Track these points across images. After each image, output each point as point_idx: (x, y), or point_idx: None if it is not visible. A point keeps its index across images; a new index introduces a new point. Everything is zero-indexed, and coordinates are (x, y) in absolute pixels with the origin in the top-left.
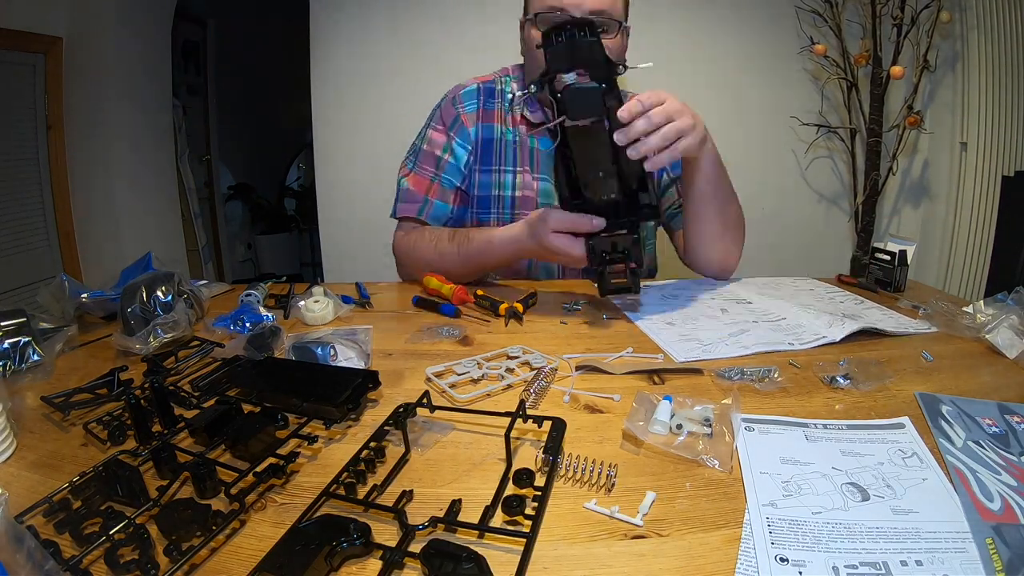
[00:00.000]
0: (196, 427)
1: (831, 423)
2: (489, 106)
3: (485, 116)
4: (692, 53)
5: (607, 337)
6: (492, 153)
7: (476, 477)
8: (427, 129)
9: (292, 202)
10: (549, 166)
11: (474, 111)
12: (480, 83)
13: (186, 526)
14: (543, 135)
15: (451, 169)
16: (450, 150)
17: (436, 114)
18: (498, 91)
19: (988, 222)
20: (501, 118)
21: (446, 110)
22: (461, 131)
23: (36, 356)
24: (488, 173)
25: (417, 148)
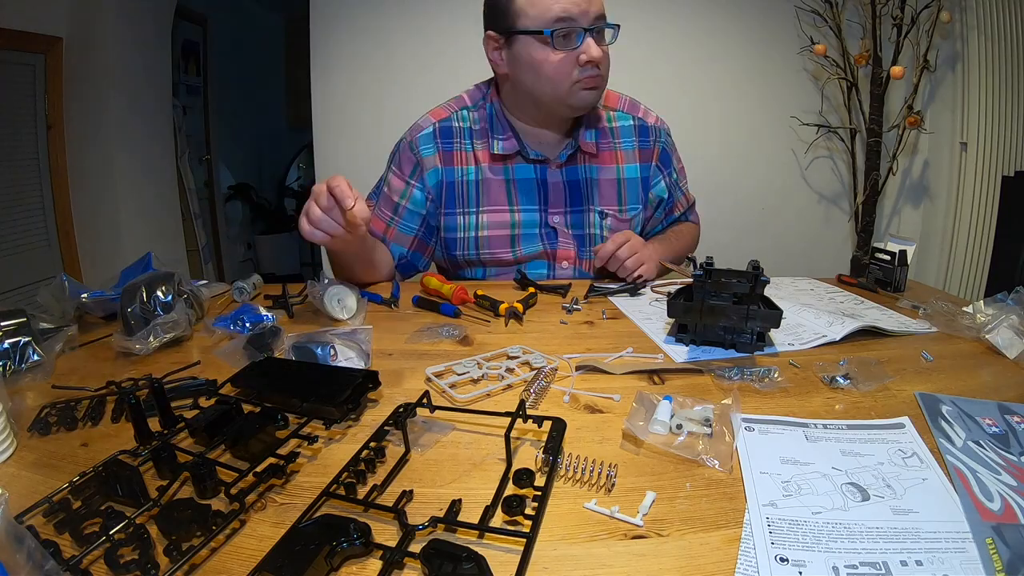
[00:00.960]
0: (196, 427)
1: (831, 423)
2: (447, 147)
3: (444, 159)
4: (692, 53)
5: (607, 337)
6: (455, 196)
7: (476, 477)
8: (388, 172)
9: (292, 202)
10: (530, 192)
11: (432, 155)
12: (436, 123)
13: (186, 526)
14: (518, 163)
15: (409, 215)
16: (408, 197)
17: (395, 158)
18: (456, 128)
19: (988, 222)
20: (461, 158)
21: (404, 155)
22: (421, 178)
23: (36, 356)
24: (453, 216)
25: (380, 188)
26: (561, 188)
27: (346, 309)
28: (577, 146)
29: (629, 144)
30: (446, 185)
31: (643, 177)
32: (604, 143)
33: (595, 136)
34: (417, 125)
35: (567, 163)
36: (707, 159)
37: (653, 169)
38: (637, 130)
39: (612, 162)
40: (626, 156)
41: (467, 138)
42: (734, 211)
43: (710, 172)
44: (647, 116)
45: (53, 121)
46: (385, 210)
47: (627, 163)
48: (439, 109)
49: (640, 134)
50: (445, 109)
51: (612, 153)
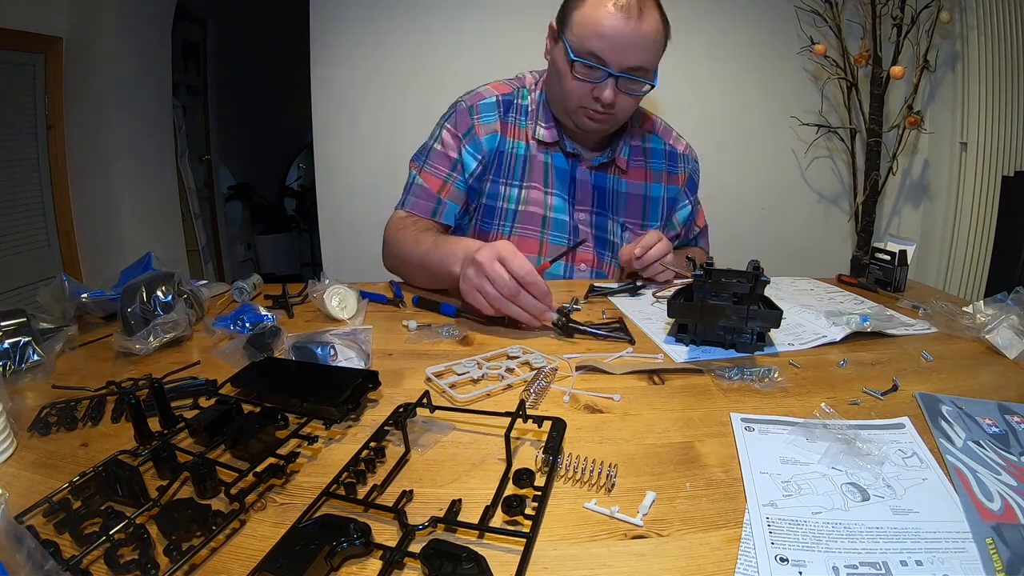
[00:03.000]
0: (196, 427)
1: (831, 423)
2: (506, 120)
3: (502, 128)
4: (692, 53)
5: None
6: (503, 166)
7: (476, 477)
8: (440, 130)
9: (292, 202)
10: (564, 182)
11: (492, 123)
12: (499, 95)
13: (186, 526)
14: (556, 151)
15: (464, 171)
16: (460, 156)
17: (451, 117)
18: (515, 104)
19: (988, 222)
20: (515, 132)
21: (461, 117)
22: (473, 141)
23: (36, 356)
24: (497, 184)
25: (429, 147)
26: (588, 187)
27: (346, 309)
28: (612, 158)
29: (659, 166)
30: (498, 153)
31: (669, 198)
32: (636, 160)
33: (629, 153)
34: (478, 93)
35: (599, 168)
36: (707, 159)
37: (680, 193)
38: (667, 155)
39: (641, 179)
40: (655, 176)
41: (523, 115)
42: (734, 211)
43: (710, 172)
44: (677, 143)
45: (53, 121)
46: (441, 166)
47: (654, 182)
48: (500, 84)
49: (670, 159)
50: (507, 85)
51: (643, 171)
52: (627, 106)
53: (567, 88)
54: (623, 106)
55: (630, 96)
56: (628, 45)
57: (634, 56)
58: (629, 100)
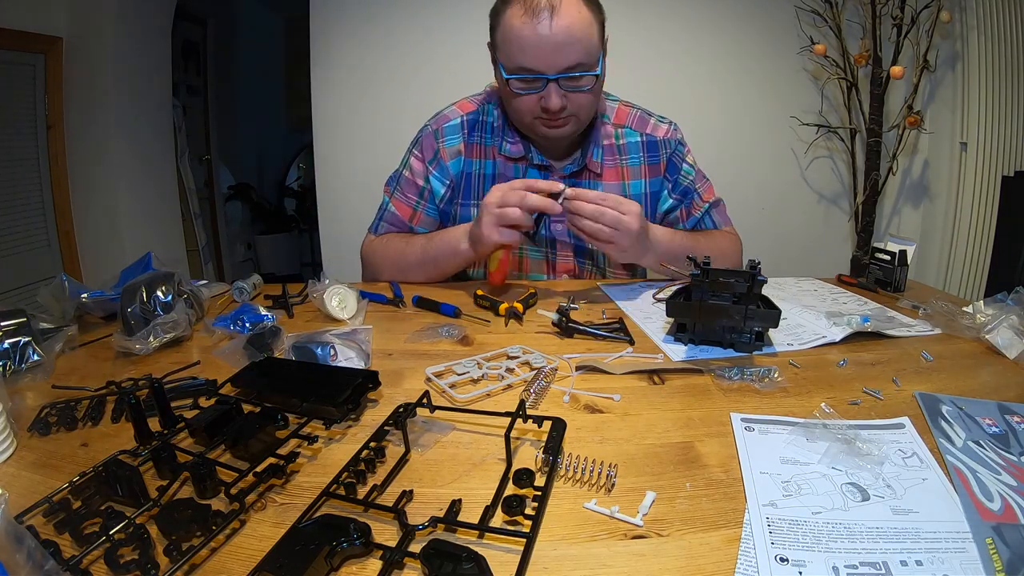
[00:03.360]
0: (196, 427)
1: (831, 423)
2: (471, 139)
3: (467, 151)
4: (692, 53)
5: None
6: (471, 188)
7: (476, 477)
8: (409, 156)
9: (292, 202)
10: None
11: (456, 145)
12: (463, 115)
13: (186, 526)
14: (527, 165)
15: (433, 199)
16: (428, 182)
17: (418, 143)
18: (481, 122)
19: (988, 222)
20: (480, 152)
21: (427, 141)
22: (439, 166)
23: (36, 356)
24: (467, 207)
25: (399, 173)
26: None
27: (346, 309)
28: (584, 164)
29: (636, 160)
30: (465, 176)
31: (651, 192)
32: (610, 161)
33: (601, 155)
34: (443, 115)
35: (571, 176)
36: (707, 159)
37: (663, 182)
38: (645, 146)
39: (617, 179)
40: (632, 172)
41: (488, 132)
42: (734, 211)
43: (709, 172)
44: (656, 130)
45: (53, 121)
46: (410, 194)
47: (633, 179)
48: (466, 102)
49: (648, 150)
50: (472, 102)
51: (618, 170)
52: (583, 103)
53: (514, 106)
54: (578, 105)
55: (580, 93)
56: (552, 47)
57: (564, 56)
58: (582, 97)
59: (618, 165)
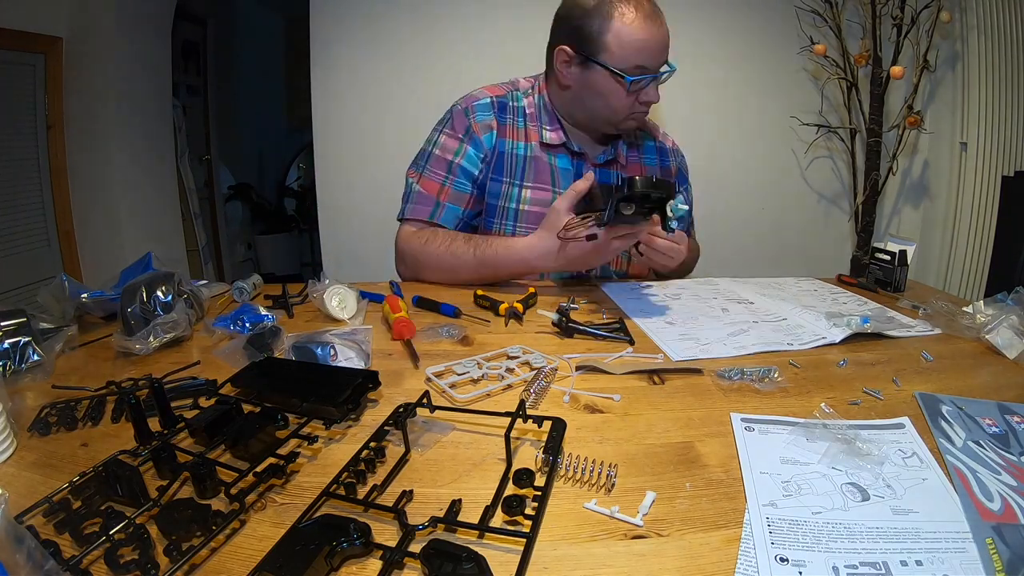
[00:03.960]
0: (196, 427)
1: (831, 423)
2: (501, 120)
3: (499, 130)
4: (692, 53)
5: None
6: (503, 166)
7: (476, 477)
8: (438, 135)
9: (292, 202)
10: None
11: (488, 120)
12: (492, 96)
13: (186, 526)
14: (561, 153)
15: (463, 173)
16: (463, 154)
17: (448, 121)
18: (510, 106)
19: (988, 222)
20: (513, 133)
21: (458, 119)
22: (474, 140)
23: (36, 356)
24: (499, 183)
25: (427, 153)
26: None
27: (346, 309)
28: (615, 155)
29: (652, 160)
30: (497, 153)
31: None
32: (632, 155)
33: (627, 150)
34: (472, 95)
35: (604, 165)
36: (706, 159)
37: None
38: (658, 151)
39: (638, 172)
40: (649, 170)
41: (520, 116)
42: (733, 211)
43: (709, 172)
44: (665, 140)
45: (53, 121)
46: (438, 170)
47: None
48: (493, 87)
49: (661, 154)
50: (501, 88)
51: (639, 165)
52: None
53: (620, 104)
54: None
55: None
56: (663, 47)
57: (667, 54)
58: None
59: (639, 162)
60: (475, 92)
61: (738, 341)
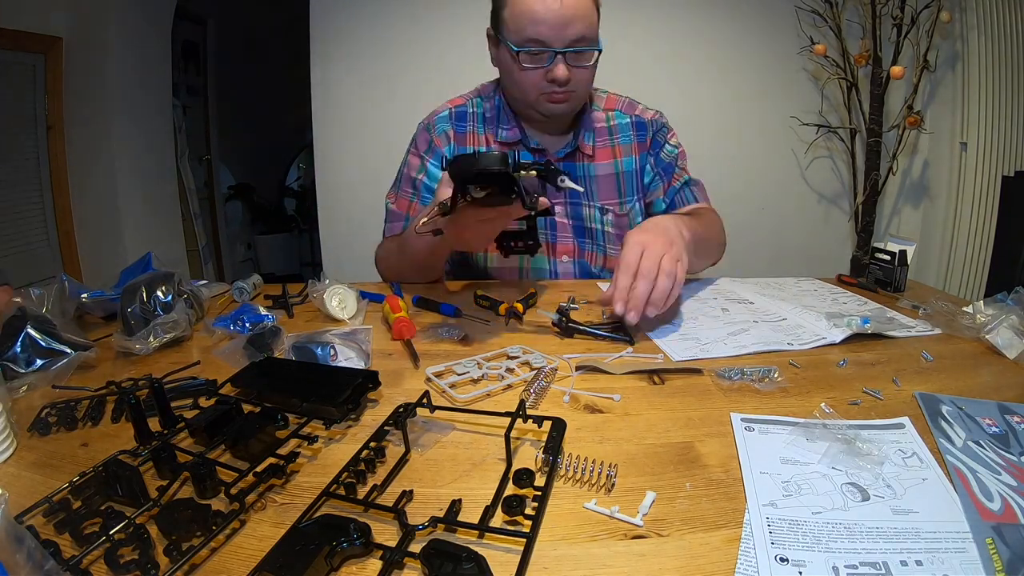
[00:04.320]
0: (196, 427)
1: (831, 423)
2: (460, 129)
3: (457, 139)
4: (692, 53)
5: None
6: None
7: (476, 477)
8: (407, 155)
9: (292, 202)
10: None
11: (446, 131)
12: (452, 107)
13: (186, 526)
14: (522, 151)
15: (426, 189)
16: (425, 171)
17: (413, 141)
18: (469, 113)
19: (988, 222)
20: (473, 140)
21: (420, 136)
22: (435, 153)
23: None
24: None
25: (400, 173)
26: None
27: (346, 309)
28: (576, 146)
29: (627, 139)
30: None
31: (640, 167)
32: (601, 142)
33: (592, 139)
34: (434, 111)
35: (565, 159)
36: (706, 159)
37: (646, 157)
38: (634, 126)
39: (610, 158)
40: (624, 150)
41: (479, 123)
42: (733, 211)
43: (709, 172)
44: (644, 113)
45: (53, 121)
46: (407, 188)
47: (625, 156)
48: (456, 98)
49: (637, 129)
50: (462, 98)
51: (610, 149)
52: (583, 78)
53: (521, 81)
54: (579, 80)
55: (582, 68)
56: (563, 20)
57: (573, 29)
58: (583, 72)
59: (610, 145)
60: (438, 107)
61: (738, 341)
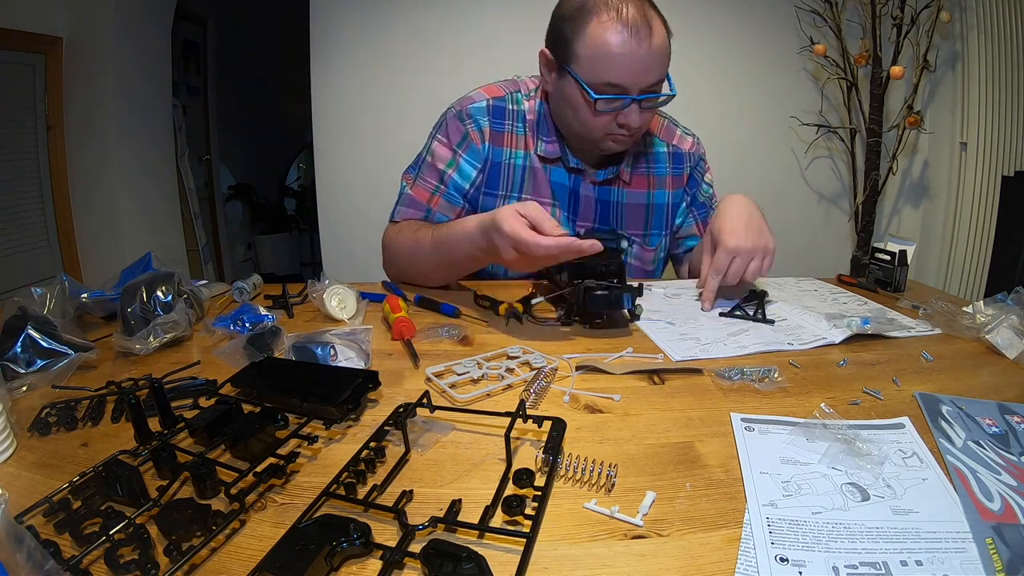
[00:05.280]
0: (196, 427)
1: (831, 423)
2: (498, 127)
3: (494, 137)
4: (692, 53)
5: (607, 337)
6: (499, 177)
7: (476, 477)
8: (432, 141)
9: (292, 202)
10: (564, 197)
11: (484, 127)
12: (490, 99)
13: (186, 526)
14: (557, 166)
15: (454, 186)
16: (455, 166)
17: (442, 126)
18: (509, 110)
19: (988, 222)
20: (511, 141)
21: (452, 125)
22: (470, 149)
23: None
24: (494, 197)
25: (421, 158)
26: (592, 203)
27: (346, 309)
28: (617, 173)
29: (662, 171)
30: (491, 164)
31: (673, 204)
32: (638, 168)
33: (632, 163)
34: (468, 97)
35: (602, 183)
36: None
37: (683, 195)
38: (671, 158)
39: (643, 187)
40: (658, 182)
41: (520, 122)
42: None
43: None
44: (682, 142)
45: (53, 121)
46: (430, 179)
47: (658, 188)
48: (493, 87)
49: (674, 162)
50: (501, 88)
51: (645, 178)
52: (649, 120)
53: (589, 122)
54: (646, 123)
55: (651, 112)
56: (645, 67)
57: (652, 75)
58: (651, 115)
59: (645, 174)
60: (472, 94)
61: (738, 341)
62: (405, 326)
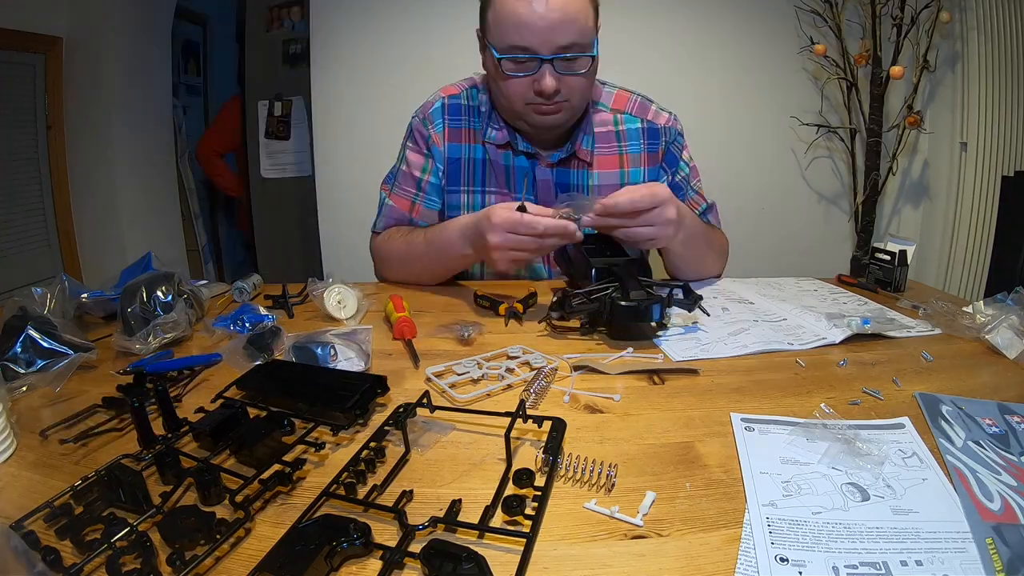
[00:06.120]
0: (201, 431)
1: (831, 423)
2: (455, 124)
3: (451, 135)
4: (692, 53)
5: (607, 337)
6: (460, 173)
7: (476, 477)
8: (404, 150)
9: None
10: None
11: (441, 131)
12: (445, 98)
13: (190, 534)
14: (517, 154)
15: (432, 189)
16: (430, 170)
17: (411, 135)
18: (464, 107)
19: (988, 222)
20: (468, 136)
21: (418, 131)
22: (435, 151)
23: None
24: (456, 194)
25: (397, 168)
26: (551, 186)
27: (346, 309)
28: (572, 151)
29: (636, 147)
30: (450, 162)
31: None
32: (607, 147)
33: (592, 143)
34: (428, 102)
35: (559, 165)
36: (706, 159)
37: (660, 171)
38: (645, 133)
39: (615, 166)
40: (632, 160)
41: (475, 116)
42: (733, 211)
43: (709, 172)
44: (657, 117)
45: (53, 121)
46: (407, 187)
47: (632, 167)
48: (451, 86)
49: (649, 137)
50: (457, 86)
51: (616, 157)
52: (577, 88)
53: (505, 90)
54: (572, 89)
55: (575, 77)
56: (549, 25)
57: (561, 34)
58: (576, 81)
59: (616, 152)
60: (431, 98)
61: (738, 341)
62: (407, 326)
